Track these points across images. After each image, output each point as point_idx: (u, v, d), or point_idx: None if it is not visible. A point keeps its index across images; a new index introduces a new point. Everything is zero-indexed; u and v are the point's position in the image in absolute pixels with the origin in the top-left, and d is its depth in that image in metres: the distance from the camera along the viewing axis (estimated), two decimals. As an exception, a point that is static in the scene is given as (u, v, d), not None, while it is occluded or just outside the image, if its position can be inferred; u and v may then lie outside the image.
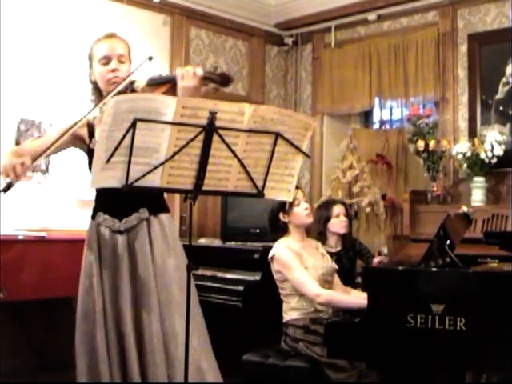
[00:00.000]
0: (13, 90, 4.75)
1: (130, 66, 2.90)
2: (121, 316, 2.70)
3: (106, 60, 2.82)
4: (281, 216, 3.74)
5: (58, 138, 2.68)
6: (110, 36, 2.93)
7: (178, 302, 2.73)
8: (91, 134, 2.88)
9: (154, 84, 2.75)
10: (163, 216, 2.84)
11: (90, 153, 2.84)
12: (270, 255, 3.70)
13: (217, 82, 2.61)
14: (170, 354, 2.69)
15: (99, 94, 2.88)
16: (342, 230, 4.22)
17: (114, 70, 2.80)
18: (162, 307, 2.71)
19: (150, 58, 2.69)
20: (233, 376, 4.12)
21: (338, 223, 4.19)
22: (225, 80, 2.60)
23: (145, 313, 2.69)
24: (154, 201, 2.81)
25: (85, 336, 2.77)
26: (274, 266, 3.69)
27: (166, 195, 2.91)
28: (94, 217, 2.85)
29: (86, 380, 2.72)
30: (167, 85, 2.71)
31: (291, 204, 3.68)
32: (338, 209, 4.22)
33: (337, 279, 3.84)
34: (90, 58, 2.88)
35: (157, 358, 2.65)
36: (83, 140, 2.90)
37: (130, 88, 2.79)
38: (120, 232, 2.76)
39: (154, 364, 2.65)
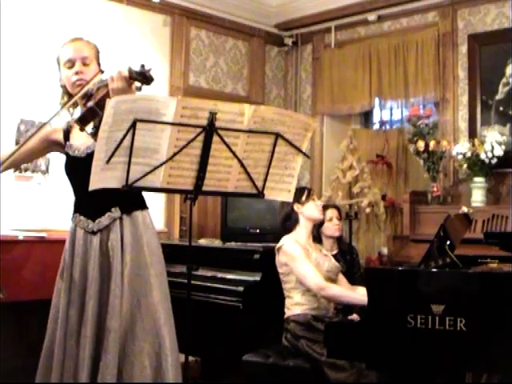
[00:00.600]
0: (13, 90, 4.75)
1: (99, 68, 2.88)
2: (84, 315, 2.69)
3: (71, 63, 2.81)
4: (295, 207, 3.77)
5: (22, 145, 2.74)
6: (75, 39, 2.92)
7: (159, 299, 2.72)
8: (66, 139, 2.90)
9: (104, 86, 2.69)
10: (137, 213, 2.78)
11: (66, 156, 2.90)
12: (277, 246, 3.74)
13: (138, 81, 2.53)
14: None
15: (69, 98, 2.86)
16: (336, 233, 4.28)
17: (77, 73, 2.78)
18: (130, 307, 2.68)
19: (142, 66, 2.61)
20: (233, 376, 4.13)
21: (331, 227, 4.27)
22: (145, 79, 2.51)
23: (109, 311, 2.66)
24: (127, 199, 2.73)
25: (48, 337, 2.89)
26: (280, 258, 3.71)
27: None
28: (72, 217, 2.86)
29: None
30: (104, 89, 2.64)
31: (309, 195, 3.78)
32: (330, 213, 4.29)
33: (342, 277, 3.86)
34: (58, 63, 2.88)
35: (109, 356, 2.62)
36: (60, 144, 2.92)
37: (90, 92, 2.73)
38: (93, 233, 2.75)
39: (105, 360, 2.62)
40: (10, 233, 4.18)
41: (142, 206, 2.83)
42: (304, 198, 3.79)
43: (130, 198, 2.74)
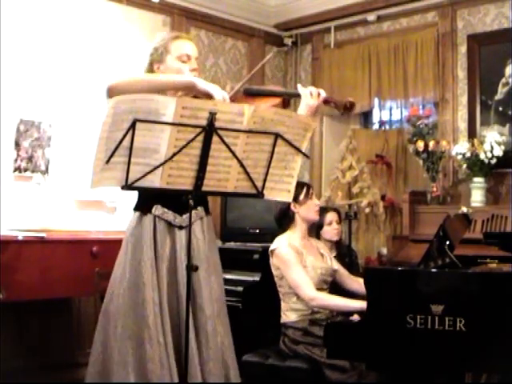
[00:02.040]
0: (13, 90, 4.75)
1: None
2: (178, 311, 2.65)
3: (187, 58, 2.81)
4: (292, 205, 3.75)
5: None
6: (189, 37, 2.96)
7: (221, 300, 2.81)
8: None
9: (253, 94, 2.83)
10: (210, 217, 2.90)
11: None
12: (271, 248, 3.73)
13: (339, 108, 2.82)
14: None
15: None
16: (335, 238, 4.24)
17: (194, 70, 2.81)
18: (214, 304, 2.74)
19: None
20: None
21: (330, 231, 4.22)
22: (349, 107, 2.81)
23: (199, 312, 2.69)
24: (207, 201, 2.87)
25: (133, 332, 2.61)
26: (274, 261, 3.70)
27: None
28: (145, 209, 2.73)
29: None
30: (274, 98, 2.79)
31: (307, 195, 3.76)
32: (330, 216, 4.24)
33: (345, 271, 3.85)
34: (165, 52, 2.82)
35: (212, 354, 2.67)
36: None
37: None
38: (180, 227, 2.72)
39: (211, 359, 2.66)
40: (10, 233, 4.18)
41: (209, 211, 2.91)
42: (302, 197, 3.76)
43: (207, 201, 2.89)
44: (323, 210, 4.29)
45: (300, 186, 3.74)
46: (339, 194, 5.72)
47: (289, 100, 2.86)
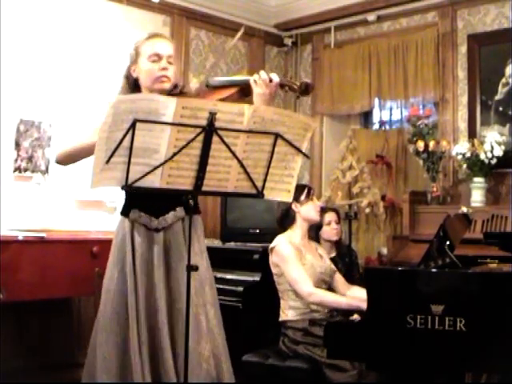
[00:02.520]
0: (12, 90, 4.75)
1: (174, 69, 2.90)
2: (156, 314, 2.66)
3: (157, 57, 2.78)
4: (293, 205, 3.76)
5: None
6: (162, 35, 2.91)
7: (210, 301, 2.79)
8: None
9: (213, 87, 2.78)
10: (196, 217, 2.82)
11: None
12: (271, 246, 3.73)
13: (295, 90, 2.65)
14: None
15: (134, 91, 2.84)
16: (334, 238, 4.25)
17: (164, 69, 2.78)
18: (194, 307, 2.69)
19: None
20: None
21: (329, 231, 4.23)
22: (306, 88, 2.65)
23: (176, 311, 2.67)
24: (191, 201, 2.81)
25: (116, 337, 2.67)
26: (273, 258, 3.71)
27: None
28: (126, 213, 2.77)
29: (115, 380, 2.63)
30: (232, 89, 2.73)
31: (308, 195, 3.77)
32: (329, 216, 4.25)
33: (339, 277, 3.84)
34: (137, 54, 2.83)
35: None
36: None
37: (177, 90, 2.78)
38: (157, 230, 2.73)
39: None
40: (10, 233, 4.18)
41: (199, 210, 2.85)
42: (303, 197, 3.77)
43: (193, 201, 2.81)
44: (322, 211, 4.29)
45: (301, 187, 3.78)
46: (339, 194, 5.72)
47: (249, 89, 2.70)
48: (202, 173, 2.33)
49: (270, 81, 2.64)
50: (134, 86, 2.86)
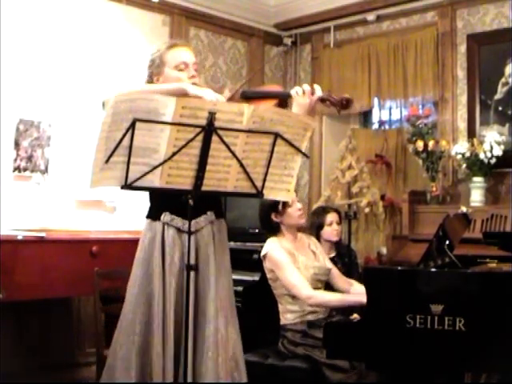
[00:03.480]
0: (12, 90, 4.75)
1: None
2: (182, 317, 2.63)
3: (185, 66, 2.77)
4: (273, 216, 3.73)
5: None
6: (185, 44, 2.91)
7: (231, 306, 2.83)
8: None
9: (249, 97, 2.76)
10: (222, 220, 2.84)
11: None
12: (263, 253, 3.70)
13: (336, 105, 2.70)
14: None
15: None
16: (334, 238, 4.22)
17: (193, 76, 2.77)
18: (218, 311, 2.71)
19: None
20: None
21: (330, 231, 4.20)
22: (345, 104, 2.69)
23: (202, 315, 2.67)
24: (218, 205, 2.83)
25: (137, 338, 2.65)
26: (267, 265, 3.69)
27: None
28: (155, 216, 2.75)
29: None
30: (267, 101, 2.72)
31: (285, 204, 3.68)
32: (331, 217, 4.21)
33: (336, 271, 3.83)
34: (162, 64, 2.80)
35: (210, 357, 2.64)
36: None
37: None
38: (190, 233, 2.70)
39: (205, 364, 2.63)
40: (10, 233, 4.18)
41: (223, 214, 2.87)
42: (280, 206, 3.70)
43: (220, 205, 2.85)
44: (323, 210, 4.28)
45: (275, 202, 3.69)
46: (339, 193, 5.72)
47: (286, 101, 2.79)
48: (201, 172, 2.33)
49: (312, 93, 2.70)
50: None
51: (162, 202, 2.74)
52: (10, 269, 3.85)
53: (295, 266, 3.59)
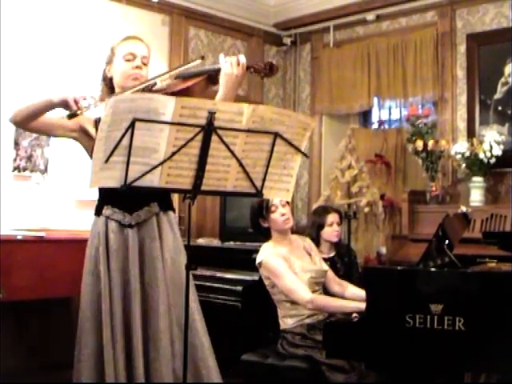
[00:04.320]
0: (12, 89, 4.75)
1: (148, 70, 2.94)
2: (130, 312, 2.67)
3: (132, 56, 2.84)
4: (261, 221, 3.72)
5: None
6: (137, 37, 2.97)
7: (192, 299, 2.75)
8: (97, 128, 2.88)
9: (183, 77, 2.78)
10: (171, 213, 2.85)
11: None
12: (258, 261, 3.66)
13: (261, 71, 2.66)
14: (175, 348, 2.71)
15: (111, 92, 2.90)
16: (334, 239, 4.21)
17: (137, 67, 2.83)
18: (170, 303, 2.71)
19: (202, 58, 2.81)
20: (231, 376, 4.13)
21: (330, 232, 4.17)
22: (271, 69, 2.64)
23: (152, 309, 2.68)
24: (163, 197, 2.81)
25: (91, 335, 2.71)
26: (263, 272, 3.66)
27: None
28: (99, 211, 2.80)
29: (90, 380, 2.68)
30: (199, 77, 2.74)
31: (268, 210, 3.67)
32: (332, 217, 4.19)
33: (331, 273, 3.82)
34: (112, 54, 2.90)
35: (162, 354, 2.65)
36: (89, 135, 2.88)
37: (147, 89, 2.80)
38: (130, 226, 2.74)
39: (158, 360, 2.65)
40: (9, 232, 4.18)
41: (173, 206, 2.87)
42: (264, 212, 3.68)
43: (166, 197, 2.82)
44: (325, 211, 4.27)
45: (260, 202, 3.69)
46: (338, 193, 5.72)
47: (215, 75, 2.73)
48: (201, 172, 2.33)
49: (238, 63, 2.64)
50: (110, 86, 2.92)
51: (105, 195, 2.79)
52: (9, 269, 3.85)
53: (291, 270, 3.56)
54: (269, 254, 3.63)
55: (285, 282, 3.54)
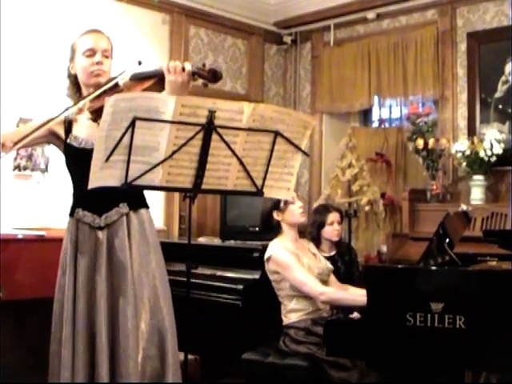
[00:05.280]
0: (12, 88, 4.75)
1: (112, 62, 2.88)
2: (95, 312, 2.66)
3: (91, 52, 2.80)
4: (274, 214, 3.74)
5: (34, 130, 2.67)
6: (97, 31, 2.91)
7: (163, 297, 2.74)
8: (68, 131, 2.83)
9: (137, 79, 2.71)
10: (143, 211, 2.80)
11: (67, 149, 2.82)
12: (266, 256, 3.69)
13: (206, 78, 2.58)
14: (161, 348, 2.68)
15: (77, 89, 2.86)
16: (335, 238, 4.21)
17: (98, 63, 2.78)
18: (138, 303, 2.67)
19: (139, 63, 2.68)
20: (232, 375, 4.13)
21: (331, 231, 4.18)
22: (214, 76, 2.57)
23: (121, 309, 2.65)
24: (133, 195, 2.76)
25: (54, 335, 2.78)
26: (270, 267, 3.68)
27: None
28: (71, 213, 2.81)
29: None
30: (152, 79, 2.67)
31: (286, 202, 3.70)
32: (332, 216, 4.19)
33: (333, 277, 3.84)
34: (73, 51, 2.86)
35: (130, 355, 2.61)
36: (58, 137, 2.85)
37: (114, 90, 2.74)
38: (100, 228, 2.72)
39: (126, 361, 2.61)
40: (10, 231, 4.18)
41: (146, 204, 2.84)
42: (282, 204, 3.72)
43: (136, 195, 2.77)
44: (326, 210, 4.26)
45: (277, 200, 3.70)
46: (339, 192, 5.72)
47: (160, 79, 2.65)
48: (201, 171, 2.33)
49: (183, 69, 2.56)
50: (75, 83, 2.87)
51: (77, 197, 2.81)
52: (10, 268, 3.85)
53: (300, 265, 3.60)
54: (278, 249, 3.67)
55: (296, 274, 3.57)
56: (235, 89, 6.42)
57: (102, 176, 2.27)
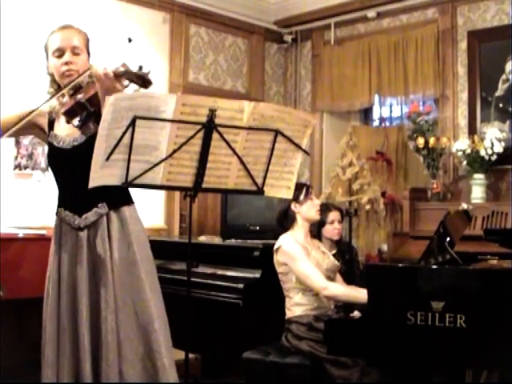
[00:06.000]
0: (12, 87, 4.75)
1: (89, 57, 2.81)
2: (77, 313, 2.63)
3: (60, 52, 2.74)
4: (292, 205, 3.74)
5: (17, 123, 2.64)
6: (65, 27, 2.83)
7: (150, 296, 2.66)
8: (50, 128, 2.78)
9: (88, 81, 2.65)
10: (125, 208, 2.70)
11: (48, 147, 2.77)
12: (276, 246, 3.71)
13: (136, 83, 2.47)
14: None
15: (58, 87, 2.80)
16: (335, 237, 4.23)
17: (67, 63, 2.72)
18: (119, 304, 2.62)
19: (130, 40, 2.68)
20: (233, 374, 4.13)
21: (331, 230, 4.20)
22: (144, 82, 2.44)
23: (102, 309, 2.60)
24: (114, 194, 2.62)
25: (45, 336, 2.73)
26: (279, 258, 3.69)
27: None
28: (56, 213, 2.77)
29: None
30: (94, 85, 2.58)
31: (307, 194, 3.73)
32: (333, 215, 4.21)
33: (339, 277, 3.85)
34: (46, 51, 2.82)
35: (110, 356, 2.56)
36: (42, 130, 2.80)
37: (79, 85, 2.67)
38: (80, 229, 2.66)
39: (107, 361, 2.57)
40: (10, 230, 4.18)
41: (129, 201, 2.73)
42: (302, 197, 3.74)
43: (116, 193, 2.63)
44: (326, 208, 4.27)
45: (300, 186, 3.71)
46: (339, 190, 5.72)
47: (120, 75, 2.50)
48: (202, 170, 2.33)
49: (105, 75, 2.46)
50: (55, 81, 2.83)
51: (60, 197, 2.75)
52: (10, 266, 3.84)
53: (308, 259, 3.61)
54: (288, 240, 3.69)
55: (302, 266, 3.58)
56: (236, 87, 6.41)
57: (102, 175, 2.26)
